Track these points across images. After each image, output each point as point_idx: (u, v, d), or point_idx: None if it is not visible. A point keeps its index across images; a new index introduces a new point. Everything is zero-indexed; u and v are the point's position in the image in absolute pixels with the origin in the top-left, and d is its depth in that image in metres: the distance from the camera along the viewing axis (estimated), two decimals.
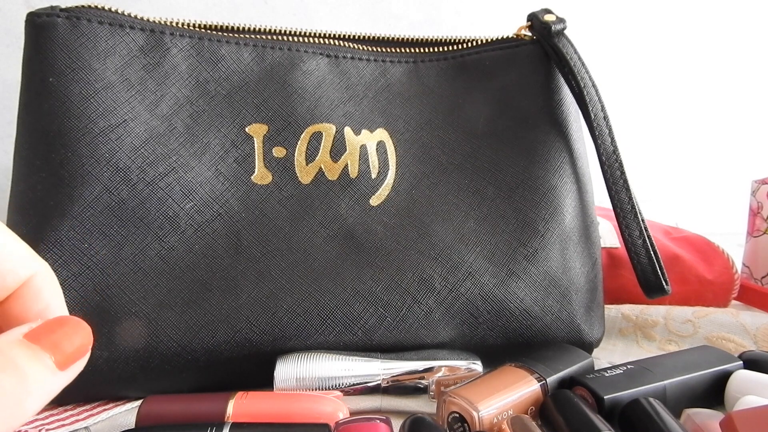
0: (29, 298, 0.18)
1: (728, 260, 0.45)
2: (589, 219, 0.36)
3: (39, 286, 0.18)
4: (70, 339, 0.16)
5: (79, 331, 0.17)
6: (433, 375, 0.29)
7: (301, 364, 0.28)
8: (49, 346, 0.16)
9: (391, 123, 0.36)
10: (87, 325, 0.17)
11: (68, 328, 0.17)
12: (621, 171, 0.35)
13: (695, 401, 0.27)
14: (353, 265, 0.32)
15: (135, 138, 0.30)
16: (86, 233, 0.29)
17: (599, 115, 0.36)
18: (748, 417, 0.21)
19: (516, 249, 0.33)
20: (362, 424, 0.23)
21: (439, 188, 0.35)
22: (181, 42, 0.33)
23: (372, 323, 0.30)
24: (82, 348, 0.17)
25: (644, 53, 0.79)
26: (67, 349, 0.16)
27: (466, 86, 0.38)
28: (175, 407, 0.25)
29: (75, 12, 0.31)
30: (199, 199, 0.31)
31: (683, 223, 0.55)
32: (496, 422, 0.25)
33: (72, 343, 0.16)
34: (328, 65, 0.36)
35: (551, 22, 0.37)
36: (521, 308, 0.32)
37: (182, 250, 0.30)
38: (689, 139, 0.83)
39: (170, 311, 0.29)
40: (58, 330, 0.16)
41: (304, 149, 0.33)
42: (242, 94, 0.33)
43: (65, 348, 0.16)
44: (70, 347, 0.16)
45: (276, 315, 0.29)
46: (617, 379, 0.26)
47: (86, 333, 0.17)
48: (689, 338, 0.37)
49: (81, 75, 0.30)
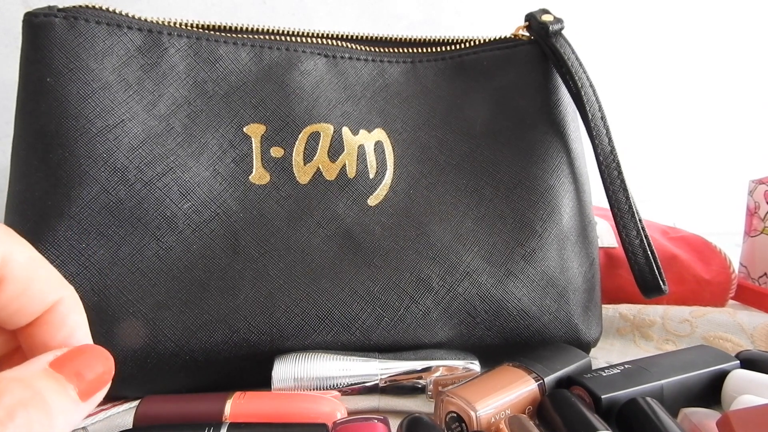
0: (55, 324, 0.17)
1: (725, 260, 0.45)
2: (586, 219, 0.36)
3: (65, 312, 0.18)
4: (92, 368, 0.16)
5: (101, 360, 0.17)
6: (430, 375, 0.29)
7: (298, 364, 0.28)
8: (73, 376, 0.15)
9: (389, 123, 0.36)
10: (109, 354, 0.17)
11: (91, 357, 0.17)
12: (618, 171, 0.35)
13: (692, 401, 0.27)
14: (351, 265, 0.32)
15: (132, 138, 0.30)
16: (84, 233, 0.29)
17: (597, 115, 0.36)
18: (744, 416, 0.21)
19: (514, 249, 0.33)
20: (360, 424, 0.23)
21: (437, 188, 0.35)
22: (179, 42, 0.33)
23: (370, 323, 0.30)
24: (105, 377, 0.17)
25: (642, 53, 0.79)
26: (90, 379, 0.16)
27: (464, 86, 0.38)
28: (173, 407, 0.25)
29: (72, 12, 0.31)
30: (196, 199, 0.31)
31: (681, 223, 0.55)
32: (494, 422, 0.25)
33: (94, 373, 0.16)
34: (326, 65, 0.36)
35: (549, 23, 0.37)
36: (519, 308, 0.32)
37: (180, 250, 0.30)
38: (687, 139, 0.83)
39: (168, 311, 0.29)
40: (81, 359, 0.16)
41: (302, 149, 0.33)
42: (240, 94, 0.33)
43: (88, 378, 0.16)
44: (92, 377, 0.16)
45: (274, 315, 0.29)
46: (614, 378, 0.27)
47: (108, 362, 0.17)
48: (686, 338, 0.38)
49: (78, 75, 0.30)
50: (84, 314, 0.18)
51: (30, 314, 0.17)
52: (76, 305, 0.18)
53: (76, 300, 0.18)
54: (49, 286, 0.17)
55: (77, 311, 0.18)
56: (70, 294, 0.18)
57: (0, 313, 0.17)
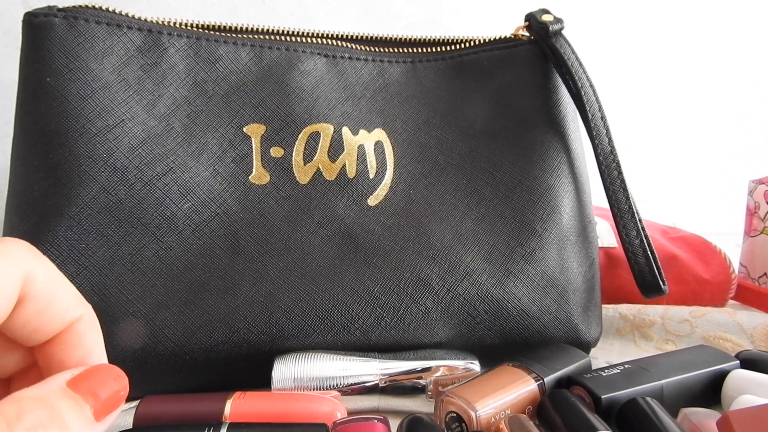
0: (73, 343, 0.17)
1: (725, 260, 0.45)
2: (586, 219, 0.36)
3: (83, 331, 0.18)
4: (108, 388, 0.16)
5: (117, 379, 0.17)
6: (430, 375, 0.29)
7: (298, 364, 0.28)
8: (89, 396, 0.16)
9: (388, 123, 0.36)
10: (123, 374, 0.17)
11: (107, 377, 0.17)
12: (618, 171, 0.35)
13: (692, 401, 0.27)
14: (351, 265, 0.32)
15: (132, 138, 0.30)
16: (84, 233, 0.29)
17: (596, 115, 0.36)
18: (744, 416, 0.21)
19: (513, 249, 0.33)
20: (360, 424, 0.23)
21: (436, 188, 0.35)
22: (179, 42, 0.33)
23: (370, 323, 0.30)
24: (119, 397, 0.17)
25: (641, 53, 0.79)
26: (105, 398, 0.16)
27: (463, 86, 0.38)
28: (173, 407, 0.25)
29: (72, 12, 0.31)
30: (196, 199, 0.31)
31: (680, 222, 0.55)
32: (494, 422, 0.25)
33: (110, 392, 0.16)
34: (326, 65, 0.36)
35: (549, 23, 0.37)
36: (519, 308, 0.32)
37: (180, 251, 0.30)
38: (687, 139, 0.83)
39: (168, 311, 0.29)
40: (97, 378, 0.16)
41: (301, 149, 0.33)
42: (240, 94, 0.33)
43: (103, 397, 0.16)
44: (107, 396, 0.16)
45: (274, 315, 0.29)
46: (614, 378, 0.27)
47: (123, 381, 0.17)
48: (686, 338, 0.38)
49: (78, 75, 0.30)
50: (100, 332, 0.19)
51: (49, 332, 0.17)
52: (93, 324, 0.18)
53: (93, 318, 0.18)
54: (68, 304, 0.17)
55: (94, 330, 0.18)
56: (88, 312, 0.18)
57: (19, 331, 0.17)
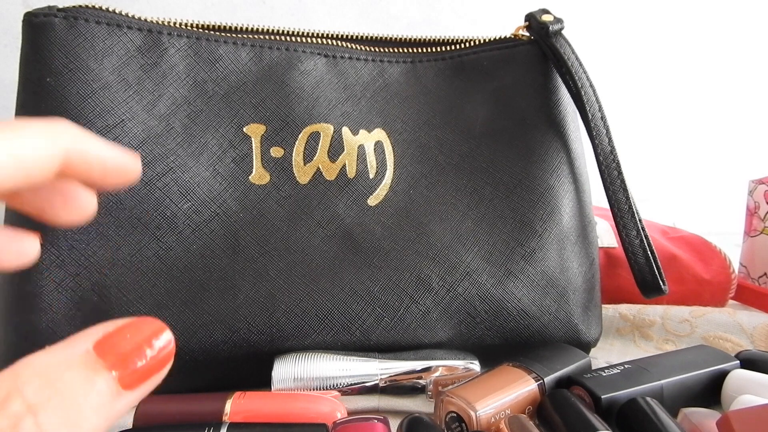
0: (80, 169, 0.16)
1: (725, 260, 0.45)
2: (586, 219, 0.36)
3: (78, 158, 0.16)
4: (147, 348, 0.13)
5: (158, 332, 0.14)
6: (430, 375, 0.29)
7: (298, 364, 0.28)
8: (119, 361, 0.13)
9: (388, 123, 0.36)
10: (165, 326, 0.14)
11: (146, 332, 0.14)
12: (618, 171, 0.35)
13: (692, 401, 0.27)
14: (351, 265, 0.32)
15: (132, 138, 0.30)
16: (84, 233, 0.29)
17: (596, 115, 0.36)
18: (744, 416, 0.21)
19: (514, 249, 0.34)
20: (360, 424, 0.23)
21: (436, 188, 0.35)
22: (179, 42, 0.33)
23: (370, 323, 0.30)
24: (162, 358, 0.14)
25: (642, 53, 0.79)
26: (139, 362, 0.13)
27: (463, 86, 0.38)
28: (173, 407, 0.25)
29: (72, 12, 0.31)
30: (196, 199, 0.31)
31: (680, 222, 0.55)
32: (494, 422, 0.25)
33: (150, 352, 0.13)
34: (326, 65, 0.36)
35: (549, 23, 0.37)
36: (519, 308, 0.32)
37: (180, 251, 0.30)
38: (687, 139, 0.83)
39: (168, 311, 0.29)
40: (134, 336, 0.13)
41: (301, 149, 0.33)
42: (240, 94, 0.33)
43: (136, 361, 0.13)
44: (144, 360, 0.13)
45: (274, 315, 0.29)
46: (614, 378, 0.27)
47: (165, 335, 0.14)
48: (686, 338, 0.38)
49: (78, 75, 0.30)
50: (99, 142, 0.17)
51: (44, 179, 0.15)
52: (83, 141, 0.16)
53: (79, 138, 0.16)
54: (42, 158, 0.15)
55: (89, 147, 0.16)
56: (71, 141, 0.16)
57: None
